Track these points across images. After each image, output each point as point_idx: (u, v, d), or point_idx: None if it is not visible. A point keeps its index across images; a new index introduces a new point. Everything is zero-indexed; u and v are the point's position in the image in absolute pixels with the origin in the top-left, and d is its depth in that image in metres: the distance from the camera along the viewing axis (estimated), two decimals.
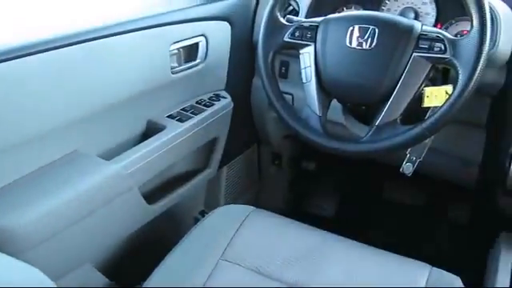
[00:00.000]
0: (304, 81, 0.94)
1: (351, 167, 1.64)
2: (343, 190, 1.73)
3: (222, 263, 0.89)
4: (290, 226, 1.00)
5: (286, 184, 1.64)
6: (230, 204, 1.07)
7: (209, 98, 1.21)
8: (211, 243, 0.93)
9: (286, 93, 1.16)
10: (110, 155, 0.97)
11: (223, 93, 1.26)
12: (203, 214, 1.40)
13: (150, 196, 1.09)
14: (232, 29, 1.20)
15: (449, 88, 0.84)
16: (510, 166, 0.92)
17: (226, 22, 1.19)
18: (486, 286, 1.01)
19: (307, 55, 0.93)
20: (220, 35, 1.19)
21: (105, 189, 0.92)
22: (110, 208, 0.95)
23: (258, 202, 1.61)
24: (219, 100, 1.22)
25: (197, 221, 1.14)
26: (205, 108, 1.17)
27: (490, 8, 0.82)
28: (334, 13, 0.95)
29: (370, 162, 1.26)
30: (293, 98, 1.22)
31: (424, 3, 1.06)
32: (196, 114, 1.14)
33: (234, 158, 1.44)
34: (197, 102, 1.19)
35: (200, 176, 1.25)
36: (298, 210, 1.71)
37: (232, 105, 1.25)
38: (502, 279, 0.96)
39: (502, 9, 0.93)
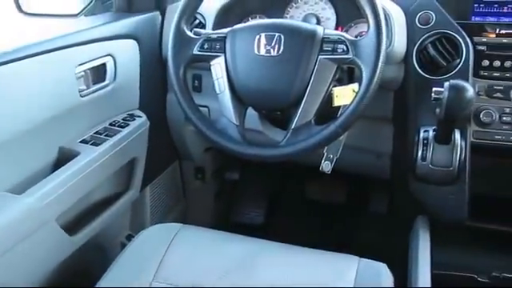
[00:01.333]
0: (218, 92, 0.95)
1: (274, 172, 1.67)
2: (269, 196, 1.76)
3: (156, 285, 0.86)
4: (220, 238, 0.99)
5: (212, 197, 1.64)
6: (157, 224, 1.04)
7: (123, 119, 1.18)
8: (141, 267, 0.90)
9: (202, 106, 1.16)
10: (21, 189, 0.91)
11: (137, 112, 1.23)
12: (130, 238, 1.35)
13: (71, 227, 1.03)
14: (140, 46, 1.19)
15: (355, 86, 0.89)
16: (417, 154, 0.98)
17: (132, 40, 1.17)
18: (410, 268, 1.07)
19: (218, 66, 0.94)
20: (128, 54, 1.17)
21: (19, 225, 0.86)
22: (28, 244, 0.89)
23: (186, 219, 1.59)
24: (134, 119, 1.19)
25: (124, 246, 1.10)
26: (119, 129, 1.14)
27: (384, 10, 0.89)
28: (240, 23, 0.97)
29: (292, 165, 1.29)
30: (209, 110, 1.22)
31: (324, 9, 1.11)
32: (111, 136, 1.10)
33: (157, 176, 1.41)
34: (110, 124, 1.15)
35: (122, 199, 1.21)
36: (227, 221, 1.71)
37: (148, 123, 1.23)
38: (422, 261, 1.02)
39: (394, 10, 1.01)
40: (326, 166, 0.98)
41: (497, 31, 1.00)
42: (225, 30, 0.96)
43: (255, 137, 1.02)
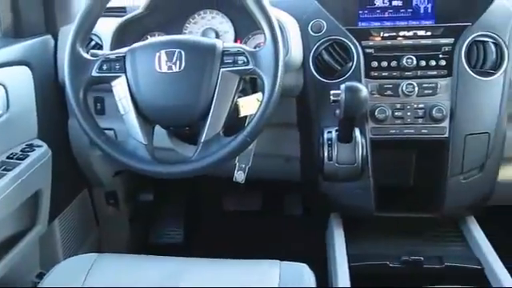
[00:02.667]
0: (122, 112, 0.92)
1: (189, 189, 1.66)
2: (187, 213, 1.74)
3: None
4: (139, 262, 0.96)
5: (127, 221, 1.58)
6: (70, 257, 0.99)
7: (21, 150, 1.11)
8: None
9: (107, 128, 1.12)
10: None
11: (37, 141, 1.16)
12: (41, 276, 1.26)
13: None
14: (33, 72, 1.12)
15: (259, 95, 0.91)
16: (323, 155, 1.03)
17: (24, 67, 1.10)
18: (329, 265, 1.12)
19: (120, 87, 0.92)
20: (20, 81, 1.10)
21: None
22: None
23: (102, 247, 1.52)
24: (33, 150, 1.12)
25: (35, 285, 1.03)
26: (18, 162, 1.06)
27: (278, 20, 0.93)
28: (138, 42, 0.96)
29: (206, 179, 1.29)
30: (115, 133, 1.19)
31: (221, 23, 1.14)
32: (9, 170, 1.03)
33: (65, 207, 1.34)
34: (8, 157, 1.07)
35: (29, 236, 1.13)
36: (145, 244, 1.67)
37: (49, 152, 1.16)
38: (340, 256, 1.07)
39: (287, 20, 1.06)
40: (240, 176, 1.00)
41: (381, 35, 1.09)
42: (123, 50, 0.94)
43: (166, 155, 1.01)
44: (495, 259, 1.05)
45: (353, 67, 1.07)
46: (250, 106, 0.92)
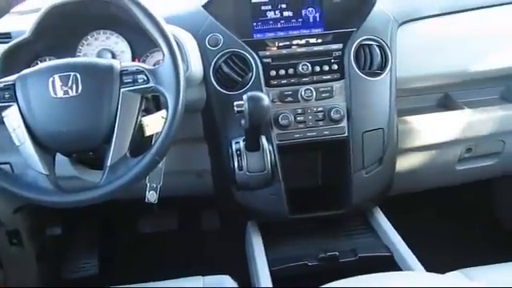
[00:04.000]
0: (18, 144, 0.87)
1: (100, 216, 1.59)
2: (100, 242, 1.66)
3: None
4: None
5: (34, 260, 1.47)
6: None
7: None
8: None
9: (2, 163, 1.05)
10: None
11: None
12: None
13: None
14: None
15: (163, 113, 0.91)
16: (234, 165, 1.05)
17: None
18: (251, 273, 1.13)
19: (12, 116, 0.86)
20: None
21: None
22: None
23: None
24: None
25: None
26: None
27: (174, 36, 0.93)
28: (28, 68, 0.91)
29: (118, 203, 1.25)
30: (11, 166, 1.11)
31: (116, 43, 1.11)
32: None
33: None
34: None
35: None
36: (58, 281, 1.56)
37: None
38: (260, 263, 1.09)
39: (184, 35, 1.06)
40: (152, 196, 0.98)
41: (276, 44, 1.13)
42: (12, 77, 0.88)
43: (71, 183, 0.96)
44: (402, 245, 1.13)
45: (253, 77, 1.10)
46: (155, 124, 0.91)
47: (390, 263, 1.12)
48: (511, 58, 1.25)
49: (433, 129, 1.26)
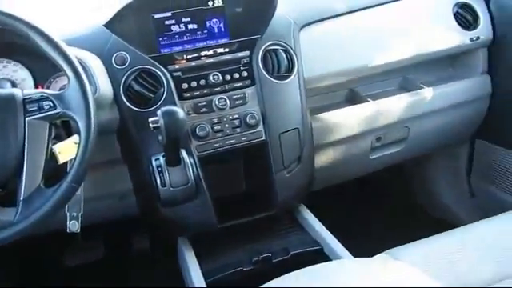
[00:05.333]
0: None
1: (20, 254, 1.49)
2: (22, 283, 1.56)
3: None
4: None
5: None
6: None
7: None
8: None
9: None
10: None
11: None
12: None
13: None
14: None
15: (75, 138, 0.88)
16: (156, 182, 1.03)
17: None
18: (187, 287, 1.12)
19: None
20: None
21: None
22: None
23: None
24: None
25: None
26: None
27: (77, 58, 0.90)
28: None
29: (38, 238, 1.18)
30: None
31: (15, 71, 1.05)
32: None
33: None
34: None
35: None
36: None
37: None
38: (195, 277, 1.08)
39: (88, 56, 1.02)
40: (74, 226, 0.94)
41: (185, 57, 1.14)
42: None
43: None
44: (330, 237, 1.18)
45: (165, 92, 1.10)
46: (67, 150, 0.88)
47: (320, 256, 1.16)
48: (404, 51, 1.35)
49: (344, 123, 1.33)
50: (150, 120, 0.95)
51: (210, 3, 1.15)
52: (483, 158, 1.63)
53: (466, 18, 1.42)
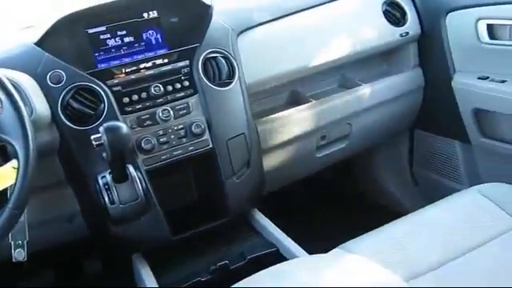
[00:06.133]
0: None
1: None
2: None
3: None
4: None
5: None
6: None
7: None
8: None
9: None
10: None
11: None
12: None
13: None
14: None
15: (14, 163, 0.84)
16: (105, 200, 1.01)
17: None
18: None
19: None
20: None
21: None
22: None
23: None
24: None
25: None
26: None
27: (10, 80, 0.87)
28: None
29: None
30: None
31: None
32: None
33: None
34: None
35: None
36: None
37: None
38: None
39: (19, 77, 0.98)
40: (20, 255, 0.90)
41: (124, 71, 1.12)
42: None
43: None
44: (285, 238, 1.20)
45: (106, 108, 1.07)
46: (6, 176, 0.84)
47: (277, 258, 1.17)
48: (341, 50, 1.40)
49: (288, 124, 1.36)
50: (93, 137, 0.93)
51: (145, 15, 1.14)
52: (423, 146, 1.71)
53: (394, 15, 1.48)
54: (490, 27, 1.33)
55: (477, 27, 1.34)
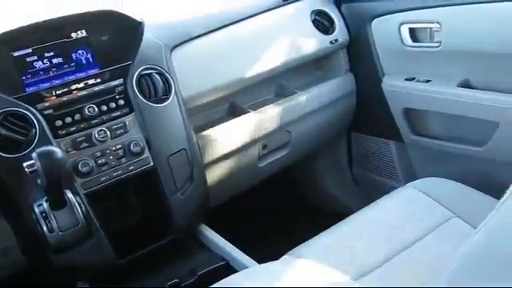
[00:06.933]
0: None
1: None
2: None
3: None
4: None
5: None
6: None
7: None
8: None
9: None
10: None
11: None
12: None
13: None
14: None
15: None
16: (43, 229, 0.96)
17: None
18: None
19: None
20: None
21: None
22: None
23: None
24: None
25: None
26: None
27: None
28: None
29: None
30: None
31: None
32: None
33: None
34: None
35: None
36: None
37: None
38: None
39: None
40: None
41: (55, 93, 1.08)
42: None
43: None
44: (234, 250, 1.19)
45: (37, 133, 1.02)
46: None
47: (228, 271, 1.16)
48: (275, 59, 1.43)
49: (229, 136, 1.36)
50: (25, 164, 0.89)
51: (74, 35, 1.10)
52: (360, 148, 1.77)
53: (323, 23, 1.53)
54: (411, 31, 1.40)
55: (400, 31, 1.41)
